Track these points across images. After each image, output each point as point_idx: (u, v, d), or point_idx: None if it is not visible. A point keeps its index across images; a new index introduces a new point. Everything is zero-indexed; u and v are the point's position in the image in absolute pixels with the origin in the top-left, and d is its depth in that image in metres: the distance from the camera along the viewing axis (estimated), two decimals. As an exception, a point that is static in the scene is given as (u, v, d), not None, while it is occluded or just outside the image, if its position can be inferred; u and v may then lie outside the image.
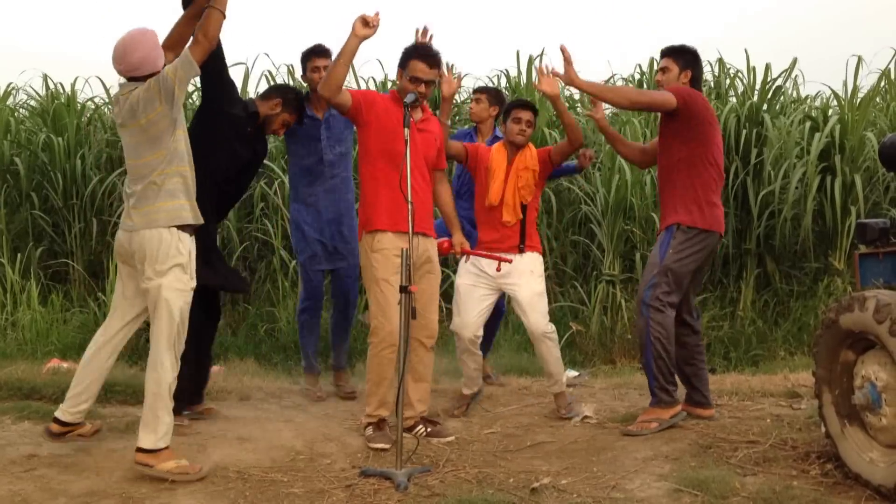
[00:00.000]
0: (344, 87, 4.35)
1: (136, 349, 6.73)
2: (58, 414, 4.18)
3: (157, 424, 3.84)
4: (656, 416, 4.52)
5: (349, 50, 4.20)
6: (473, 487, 3.72)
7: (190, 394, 4.69)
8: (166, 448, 3.85)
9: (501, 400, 5.34)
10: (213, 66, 4.28)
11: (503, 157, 4.98)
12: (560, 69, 4.46)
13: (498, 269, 4.81)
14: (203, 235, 4.24)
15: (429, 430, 4.46)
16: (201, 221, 4.02)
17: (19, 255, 7.97)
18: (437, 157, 4.61)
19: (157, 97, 3.83)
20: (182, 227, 3.91)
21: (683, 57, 4.68)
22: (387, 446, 4.20)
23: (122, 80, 4.03)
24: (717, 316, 7.41)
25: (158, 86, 3.83)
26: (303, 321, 5.54)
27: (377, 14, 4.17)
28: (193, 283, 3.97)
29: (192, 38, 3.97)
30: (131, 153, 4.00)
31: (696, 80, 4.71)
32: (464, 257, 4.91)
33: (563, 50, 4.41)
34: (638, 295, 4.65)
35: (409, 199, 4.00)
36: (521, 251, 4.93)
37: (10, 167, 8.84)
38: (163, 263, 3.85)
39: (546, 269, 7.74)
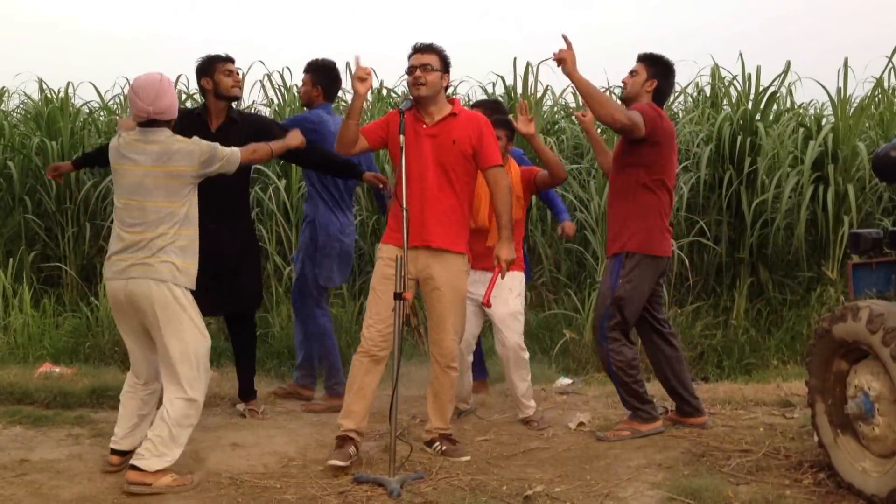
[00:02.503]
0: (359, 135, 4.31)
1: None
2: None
3: (171, 449, 3.84)
4: (633, 426, 4.57)
5: (356, 110, 4.20)
6: (467, 495, 3.72)
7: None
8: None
9: (495, 408, 5.33)
10: None
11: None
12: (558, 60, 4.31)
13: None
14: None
15: (444, 448, 4.35)
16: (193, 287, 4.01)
17: (12, 258, 7.93)
18: (467, 159, 4.27)
19: (197, 160, 3.92)
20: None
21: (655, 66, 4.59)
22: (341, 464, 4.00)
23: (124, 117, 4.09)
24: (710, 324, 7.41)
25: (202, 152, 3.94)
26: None
27: (361, 66, 4.15)
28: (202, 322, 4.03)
29: (245, 148, 4.19)
30: (143, 195, 3.90)
31: (661, 93, 4.62)
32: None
33: (564, 38, 4.29)
34: (594, 326, 4.65)
35: (405, 205, 4.00)
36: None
37: (3, 171, 8.82)
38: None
39: (540, 277, 7.77)
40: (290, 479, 3.96)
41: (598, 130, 5.22)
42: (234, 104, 4.98)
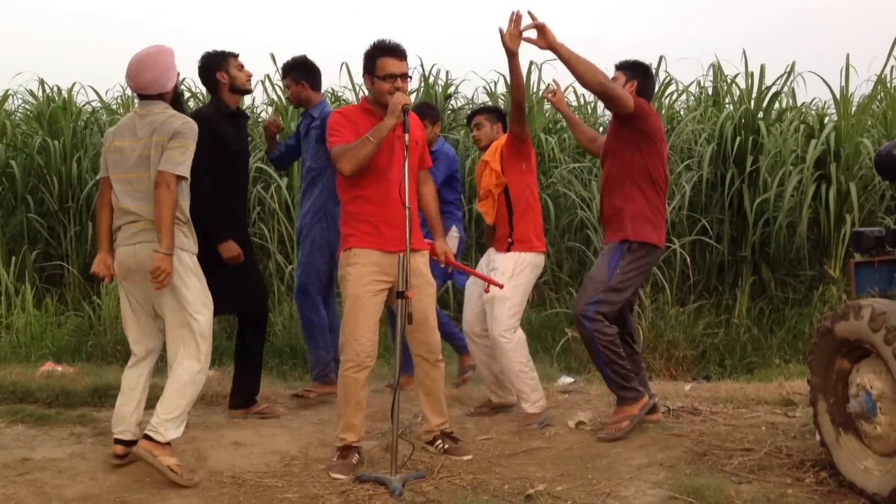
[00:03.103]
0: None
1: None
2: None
3: (179, 416, 3.94)
4: (626, 413, 4.54)
5: (383, 135, 4.02)
6: (468, 494, 3.71)
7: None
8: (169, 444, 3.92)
9: (505, 411, 5.32)
10: None
11: (488, 169, 4.96)
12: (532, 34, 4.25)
13: (487, 291, 4.68)
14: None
15: (447, 446, 4.34)
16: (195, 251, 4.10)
17: (14, 258, 7.95)
18: (421, 160, 4.36)
19: (193, 143, 3.96)
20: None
21: (632, 69, 4.65)
22: (343, 477, 3.94)
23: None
24: (712, 323, 7.41)
25: (176, 132, 3.91)
26: None
27: (403, 97, 4.04)
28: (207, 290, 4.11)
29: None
30: (137, 166, 3.95)
31: (643, 92, 4.63)
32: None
33: (531, 16, 4.22)
34: (577, 308, 4.56)
35: (407, 203, 3.96)
36: (509, 248, 4.88)
37: (5, 170, 8.84)
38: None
39: (542, 276, 7.76)
40: (291, 478, 3.96)
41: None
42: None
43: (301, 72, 5.36)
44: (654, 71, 4.77)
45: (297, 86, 5.35)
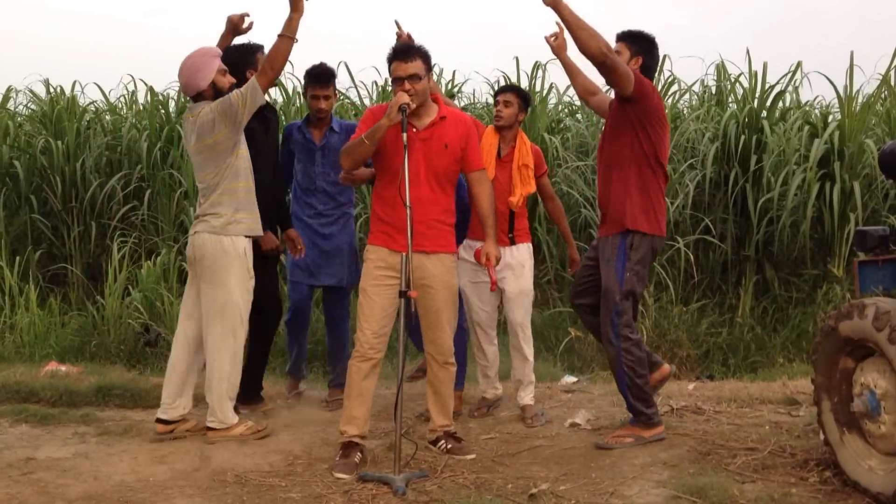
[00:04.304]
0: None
1: (135, 353, 6.74)
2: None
3: (228, 401, 4.41)
4: (634, 432, 4.40)
5: (378, 136, 4.08)
6: (472, 493, 3.72)
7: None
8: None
9: (500, 406, 5.32)
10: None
11: (492, 143, 4.87)
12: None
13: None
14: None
15: (450, 446, 4.34)
16: (257, 233, 4.48)
17: (18, 257, 7.96)
18: (457, 162, 4.26)
19: (223, 121, 4.19)
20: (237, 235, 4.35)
21: (637, 43, 4.41)
22: (346, 476, 3.95)
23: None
24: (715, 322, 7.40)
25: (224, 111, 4.18)
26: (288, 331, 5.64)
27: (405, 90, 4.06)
28: (252, 282, 4.43)
29: (259, 68, 4.30)
30: (197, 169, 4.42)
31: (648, 70, 4.43)
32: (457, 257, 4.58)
33: None
34: (604, 323, 4.40)
35: (408, 203, 3.96)
36: (512, 242, 4.88)
37: (9, 170, 8.85)
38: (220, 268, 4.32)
39: (545, 275, 7.76)
40: (295, 478, 3.97)
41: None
42: None
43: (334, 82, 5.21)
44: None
45: (334, 97, 5.23)
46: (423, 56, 4.16)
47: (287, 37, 4.17)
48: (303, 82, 5.28)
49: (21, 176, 8.69)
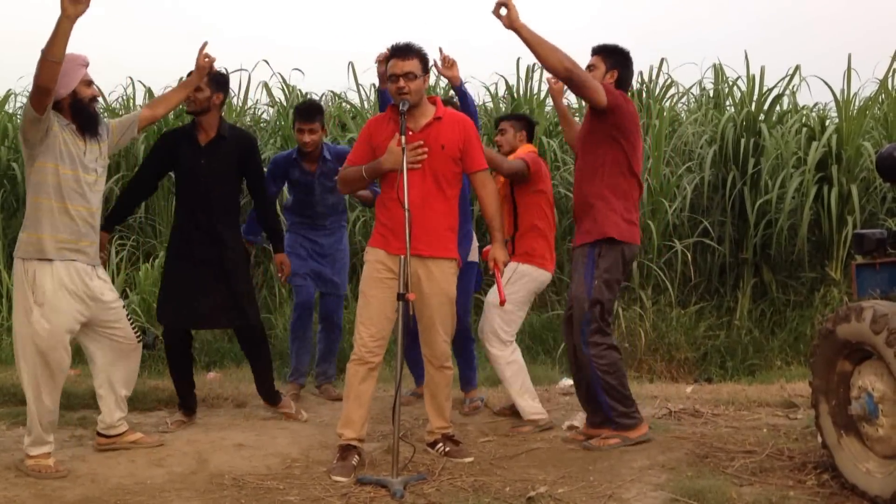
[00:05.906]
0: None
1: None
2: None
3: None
4: (621, 434, 4.39)
5: (375, 175, 4.21)
6: (469, 496, 3.71)
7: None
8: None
9: (497, 408, 5.32)
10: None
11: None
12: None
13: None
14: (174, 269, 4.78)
15: (448, 449, 4.32)
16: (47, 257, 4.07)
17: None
18: (455, 163, 4.19)
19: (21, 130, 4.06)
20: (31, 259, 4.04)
21: (613, 56, 4.44)
22: (344, 479, 3.93)
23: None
24: (713, 325, 7.41)
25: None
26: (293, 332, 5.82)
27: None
28: (36, 312, 3.94)
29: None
30: None
31: (623, 83, 4.46)
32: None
33: None
34: (575, 331, 4.41)
35: (406, 205, 3.94)
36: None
37: (7, 172, 8.83)
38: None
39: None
40: (293, 481, 3.96)
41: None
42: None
43: (322, 118, 5.44)
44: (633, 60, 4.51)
45: (322, 131, 5.44)
46: (421, 57, 4.15)
47: (45, 59, 3.69)
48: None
49: (19, 178, 8.68)
